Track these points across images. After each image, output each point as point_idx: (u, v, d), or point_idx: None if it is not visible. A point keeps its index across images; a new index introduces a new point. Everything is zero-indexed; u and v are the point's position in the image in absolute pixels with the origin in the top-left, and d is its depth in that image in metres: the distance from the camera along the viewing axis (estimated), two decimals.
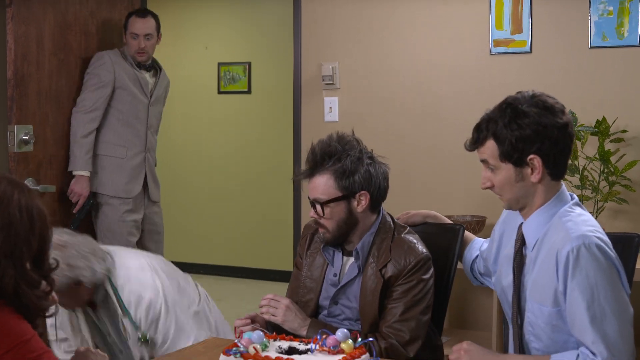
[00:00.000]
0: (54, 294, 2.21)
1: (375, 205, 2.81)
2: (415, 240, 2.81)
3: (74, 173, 4.43)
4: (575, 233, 2.27)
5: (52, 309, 2.11)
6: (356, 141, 2.80)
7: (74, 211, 4.43)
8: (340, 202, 2.75)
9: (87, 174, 4.43)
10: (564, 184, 2.45)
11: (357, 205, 2.76)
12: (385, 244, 2.79)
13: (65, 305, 2.99)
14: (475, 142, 2.41)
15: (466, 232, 3.03)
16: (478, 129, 2.41)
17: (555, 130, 2.33)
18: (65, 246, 2.88)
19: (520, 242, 2.45)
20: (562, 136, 2.35)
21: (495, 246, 2.64)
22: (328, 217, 2.76)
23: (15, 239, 1.96)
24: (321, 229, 2.81)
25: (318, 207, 2.76)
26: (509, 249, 2.51)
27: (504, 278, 2.52)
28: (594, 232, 2.29)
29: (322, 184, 2.74)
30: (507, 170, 2.37)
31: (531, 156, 2.33)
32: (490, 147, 2.37)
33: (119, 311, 3.00)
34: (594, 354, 2.22)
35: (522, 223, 2.46)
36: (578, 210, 2.39)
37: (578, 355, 2.24)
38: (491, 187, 2.44)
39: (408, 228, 2.88)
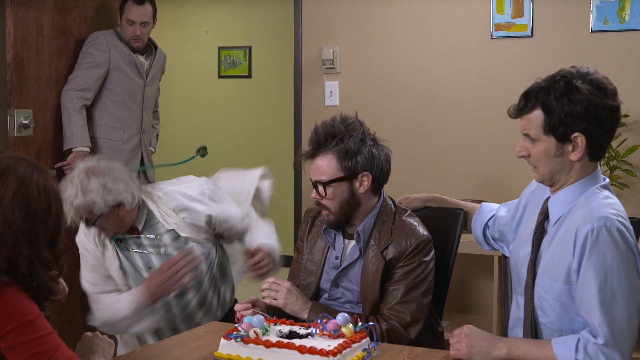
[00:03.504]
0: (64, 284, 2.24)
1: (377, 187, 2.81)
2: (416, 223, 2.81)
3: (73, 150, 4.36)
4: (598, 214, 2.25)
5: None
6: (359, 123, 2.80)
7: None
8: (342, 183, 2.75)
9: (86, 149, 4.38)
10: (599, 166, 2.42)
11: (360, 186, 2.76)
12: (386, 226, 2.79)
13: (108, 231, 3.19)
14: (522, 109, 2.36)
15: (468, 203, 3.02)
16: (527, 96, 2.35)
17: (605, 111, 2.30)
18: (103, 172, 3.13)
19: (544, 216, 2.43)
20: (611, 118, 2.31)
21: (519, 214, 2.61)
22: (330, 198, 2.76)
23: (33, 219, 1.99)
24: (324, 210, 2.81)
25: (320, 187, 2.76)
26: (532, 221, 2.49)
27: (521, 249, 2.51)
28: (617, 216, 2.26)
29: (325, 165, 2.74)
30: (548, 143, 2.33)
31: (576, 134, 2.29)
32: (536, 116, 2.33)
33: (161, 226, 3.21)
34: (595, 336, 2.22)
35: (548, 197, 2.43)
36: (606, 192, 2.36)
37: (579, 339, 2.24)
38: (526, 157, 2.40)
39: (409, 211, 2.88)
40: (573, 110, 2.28)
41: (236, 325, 2.43)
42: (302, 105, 4.96)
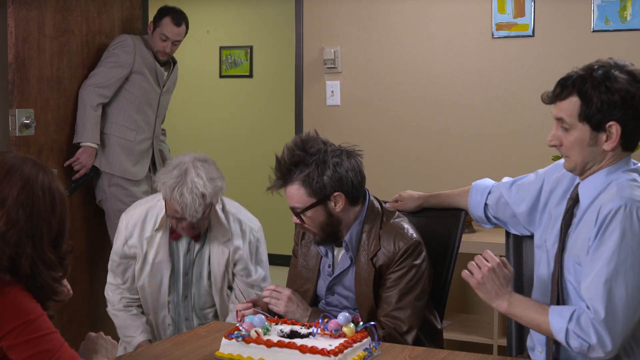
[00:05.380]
0: (68, 286, 2.25)
1: (353, 200, 2.75)
2: (404, 225, 2.77)
3: (82, 144, 4.43)
4: (621, 194, 2.25)
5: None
6: (322, 142, 2.73)
7: (73, 178, 4.43)
8: (316, 208, 2.71)
9: (95, 145, 4.45)
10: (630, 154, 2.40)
11: (335, 205, 2.72)
12: (374, 231, 2.75)
13: (201, 227, 3.26)
14: (557, 96, 2.35)
15: (459, 190, 2.98)
16: (563, 83, 2.34)
17: None
18: (207, 159, 3.20)
19: (573, 201, 2.41)
20: None
21: (544, 200, 2.59)
22: (309, 223, 2.75)
23: (37, 219, 1.99)
24: (309, 232, 2.81)
25: (297, 215, 2.75)
26: (560, 207, 2.47)
27: (549, 235, 2.49)
28: None
29: (295, 194, 2.71)
30: (582, 131, 2.32)
31: (611, 122, 2.28)
32: (572, 103, 2.32)
33: (229, 234, 3.33)
34: (589, 309, 2.21)
35: (578, 183, 2.42)
36: (635, 175, 2.34)
37: (575, 310, 2.23)
38: (558, 146, 2.39)
39: (397, 213, 2.84)
40: (610, 99, 2.27)
41: (237, 324, 2.43)
42: (304, 105, 4.96)
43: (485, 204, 2.84)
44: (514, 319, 2.33)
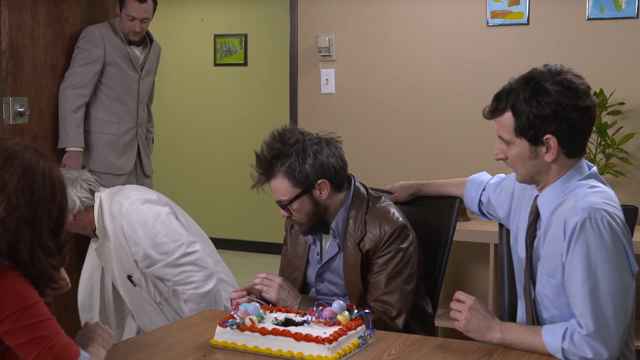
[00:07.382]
0: (66, 277, 2.25)
1: (338, 185, 2.77)
2: (390, 210, 2.78)
3: (66, 149, 4.39)
4: (583, 205, 2.24)
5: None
6: (299, 132, 2.75)
7: None
8: (302, 198, 2.72)
9: (79, 149, 4.40)
10: (582, 158, 2.39)
11: (320, 193, 2.73)
12: (360, 217, 2.77)
13: (75, 228, 3.44)
14: (493, 112, 2.37)
15: (455, 180, 2.98)
16: (498, 98, 2.36)
17: (575, 112, 2.27)
18: None
19: (535, 215, 2.42)
20: (581, 119, 2.29)
21: (515, 205, 2.59)
22: (297, 214, 2.76)
23: (37, 206, 2.01)
24: (296, 223, 2.82)
25: (285, 208, 2.76)
26: (524, 219, 2.48)
27: (520, 248, 2.50)
28: (603, 205, 2.24)
29: (279, 187, 2.72)
30: (521, 146, 2.33)
31: (547, 136, 2.29)
32: (507, 119, 2.33)
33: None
34: (580, 326, 2.22)
35: (537, 195, 2.43)
36: (591, 181, 2.34)
37: (567, 328, 2.24)
38: (504, 159, 2.40)
39: (382, 197, 2.85)
40: (541, 113, 2.27)
41: (232, 312, 2.44)
42: (298, 93, 4.95)
43: (480, 201, 2.85)
44: (510, 347, 2.33)
